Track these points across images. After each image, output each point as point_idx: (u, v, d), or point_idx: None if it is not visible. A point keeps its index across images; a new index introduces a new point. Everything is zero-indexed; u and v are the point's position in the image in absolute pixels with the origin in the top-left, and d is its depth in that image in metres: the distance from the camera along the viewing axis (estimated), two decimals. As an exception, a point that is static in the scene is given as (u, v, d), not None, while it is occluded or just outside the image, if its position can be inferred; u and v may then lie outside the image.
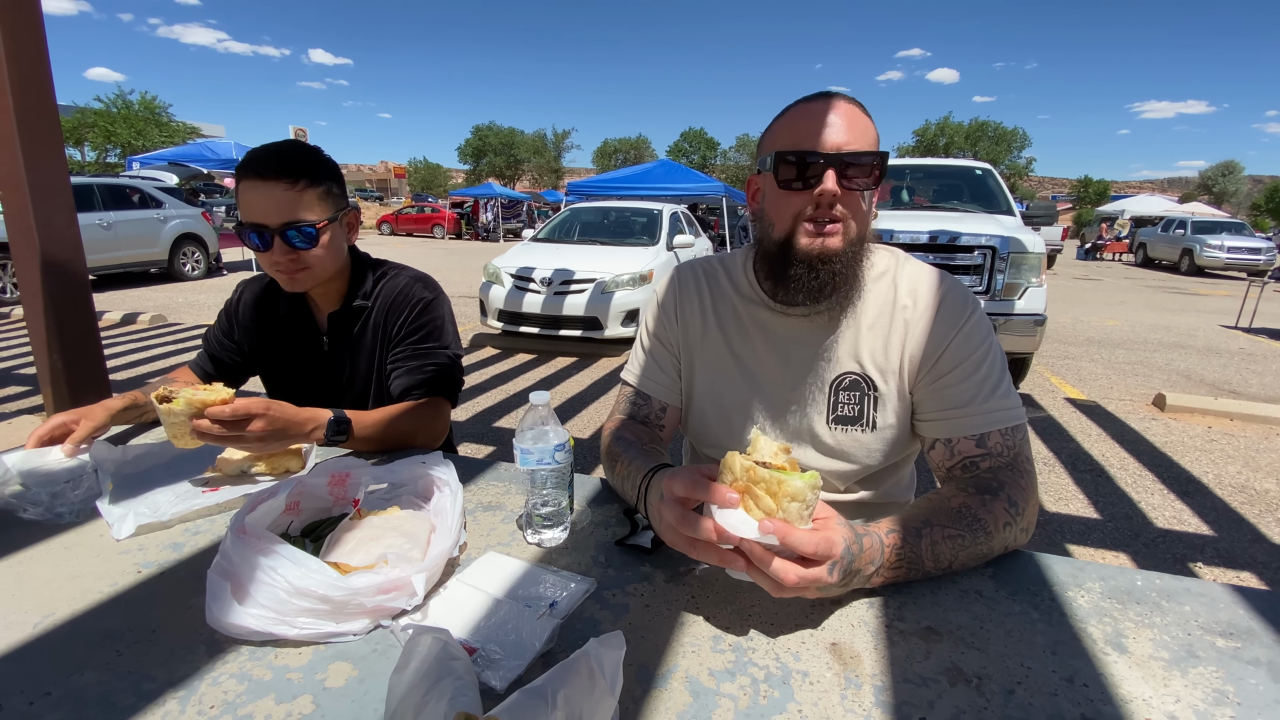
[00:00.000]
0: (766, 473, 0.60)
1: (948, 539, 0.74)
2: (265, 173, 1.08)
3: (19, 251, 2.85)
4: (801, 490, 0.60)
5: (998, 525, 0.77)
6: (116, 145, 25.19)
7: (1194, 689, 0.58)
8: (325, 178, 1.15)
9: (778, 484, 0.60)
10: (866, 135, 0.84)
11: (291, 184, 1.10)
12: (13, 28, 2.56)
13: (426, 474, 0.86)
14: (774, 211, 0.89)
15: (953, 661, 0.61)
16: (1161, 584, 0.75)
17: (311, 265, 1.16)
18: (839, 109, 0.84)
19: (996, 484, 0.81)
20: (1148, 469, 3.29)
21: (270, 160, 1.09)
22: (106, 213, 8.73)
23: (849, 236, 0.86)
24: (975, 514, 0.77)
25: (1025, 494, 0.81)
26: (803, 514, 0.60)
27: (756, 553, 0.61)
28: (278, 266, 1.14)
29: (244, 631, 0.61)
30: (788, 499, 0.59)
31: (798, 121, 0.86)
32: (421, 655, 0.50)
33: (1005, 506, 0.78)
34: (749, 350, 1.00)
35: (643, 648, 0.62)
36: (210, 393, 0.90)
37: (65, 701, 0.55)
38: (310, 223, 1.12)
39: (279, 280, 1.18)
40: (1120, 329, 7.69)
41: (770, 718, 0.54)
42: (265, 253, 1.12)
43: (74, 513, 0.87)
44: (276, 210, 1.10)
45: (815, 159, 0.83)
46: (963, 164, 6.00)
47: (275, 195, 1.09)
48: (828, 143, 0.83)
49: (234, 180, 1.13)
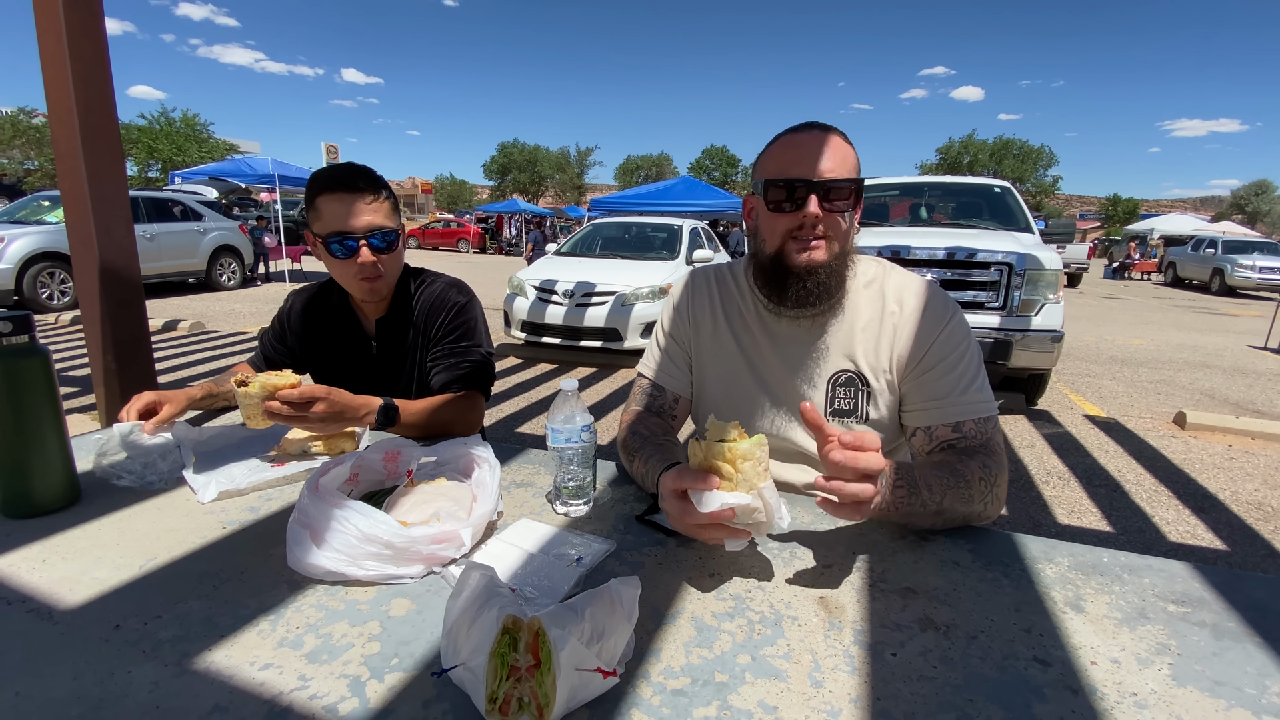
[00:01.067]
0: (717, 446, 0.72)
1: (935, 476, 0.86)
2: (348, 185, 1.24)
3: (79, 259, 3.05)
4: (749, 450, 0.71)
5: (974, 478, 0.88)
6: (159, 160, 26.19)
7: (1139, 642, 0.67)
8: (393, 194, 1.32)
9: (729, 451, 0.71)
10: (846, 162, 0.97)
11: (375, 196, 1.26)
12: (80, 52, 2.77)
13: (468, 453, 0.97)
14: (766, 230, 1.02)
15: (925, 614, 0.70)
16: (1127, 560, 0.83)
17: (387, 270, 1.30)
18: (821, 140, 0.96)
19: (970, 453, 0.95)
20: (1164, 485, 3.30)
21: (349, 175, 1.25)
22: (150, 225, 9.13)
23: (832, 251, 0.99)
24: (953, 466, 0.89)
25: (997, 466, 0.93)
26: (757, 470, 0.71)
27: (832, 486, 0.72)
28: (360, 272, 1.27)
29: (320, 571, 0.72)
30: (740, 459, 0.71)
31: (785, 151, 0.98)
32: (472, 585, 0.61)
33: (979, 466, 0.90)
34: (755, 348, 1.11)
35: (656, 594, 0.72)
36: (280, 378, 1.02)
37: (175, 623, 0.67)
38: (390, 229, 1.29)
39: (358, 288, 1.30)
40: (1145, 348, 7.62)
41: (762, 649, 0.64)
42: (347, 260, 1.25)
43: (163, 480, 1.00)
44: (361, 218, 1.24)
45: (800, 185, 0.95)
46: (982, 181, 6.05)
47: (359, 205, 1.24)
48: (811, 170, 0.95)
49: (307, 196, 1.27)
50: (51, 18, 2.71)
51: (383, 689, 0.57)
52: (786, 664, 0.61)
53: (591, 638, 0.55)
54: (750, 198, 1.07)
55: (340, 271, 1.29)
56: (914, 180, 6.19)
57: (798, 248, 0.98)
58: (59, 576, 0.75)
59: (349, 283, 1.31)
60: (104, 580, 0.74)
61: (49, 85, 2.88)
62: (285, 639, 0.64)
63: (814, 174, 0.95)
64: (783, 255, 0.99)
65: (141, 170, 26.63)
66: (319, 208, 1.25)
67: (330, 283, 1.43)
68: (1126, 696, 0.59)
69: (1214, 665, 0.63)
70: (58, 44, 2.77)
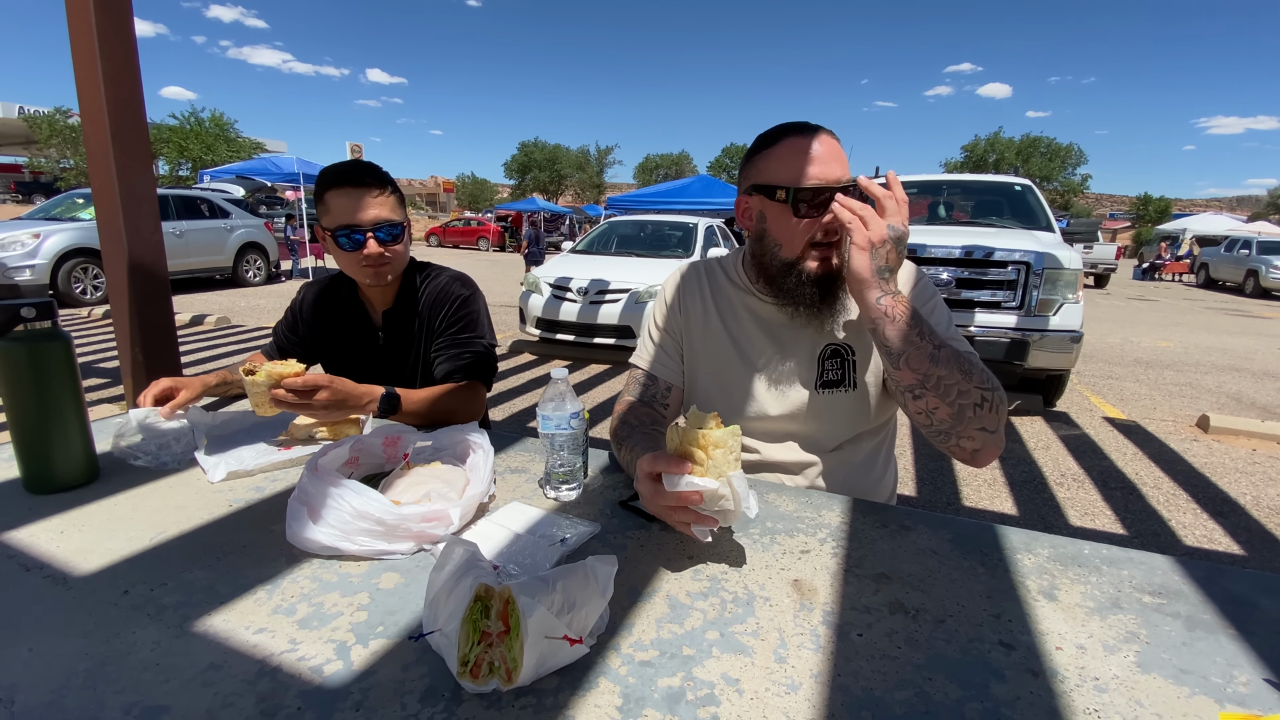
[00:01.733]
0: (692, 432, 0.74)
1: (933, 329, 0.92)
2: (356, 180, 1.30)
3: (109, 254, 3.15)
4: (722, 438, 0.73)
5: (975, 361, 0.93)
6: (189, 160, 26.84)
7: (1109, 630, 0.68)
8: (398, 189, 1.38)
9: (702, 438, 0.73)
10: (846, 165, 1.01)
11: (381, 190, 1.32)
12: (110, 53, 2.87)
13: (464, 439, 1.01)
14: (782, 235, 1.03)
15: (897, 598, 0.72)
16: (1108, 553, 0.84)
17: (393, 260, 1.36)
18: (829, 144, 0.99)
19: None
20: (1182, 488, 3.24)
21: (357, 170, 1.32)
22: (179, 222, 9.38)
23: (842, 257, 0.99)
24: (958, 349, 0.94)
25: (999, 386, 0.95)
26: (728, 459, 0.73)
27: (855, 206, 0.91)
28: (367, 262, 1.33)
29: (316, 546, 0.76)
30: (713, 446, 0.73)
31: (798, 157, 0.99)
32: (454, 559, 0.64)
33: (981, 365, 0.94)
34: (744, 334, 1.14)
35: (634, 574, 0.75)
36: (285, 367, 1.07)
37: (179, 589, 0.71)
38: (396, 222, 1.34)
39: (365, 275, 1.37)
40: (1172, 350, 7.45)
41: (731, 626, 0.66)
42: (355, 251, 1.31)
43: (176, 461, 1.05)
44: (369, 212, 1.30)
45: (826, 192, 0.97)
46: (1002, 180, 5.97)
47: (366, 199, 1.30)
48: (830, 176, 0.98)
49: (316, 192, 1.34)
50: (83, 19, 2.81)
51: (366, 653, 0.61)
52: (754, 640, 0.64)
53: (562, 608, 0.58)
54: (748, 199, 1.07)
55: (348, 262, 1.35)
56: (933, 178, 6.13)
57: (818, 255, 1.01)
58: (75, 547, 0.80)
59: (356, 272, 1.37)
60: (116, 551, 0.79)
61: (80, 85, 2.99)
62: (280, 606, 0.68)
63: (838, 178, 0.98)
64: (800, 263, 1.02)
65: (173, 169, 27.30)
66: (328, 203, 1.30)
67: (340, 275, 1.48)
68: (1088, 680, 0.60)
69: (1182, 654, 0.64)
70: (89, 45, 2.87)
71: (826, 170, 0.98)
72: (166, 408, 1.17)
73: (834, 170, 0.98)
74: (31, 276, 7.68)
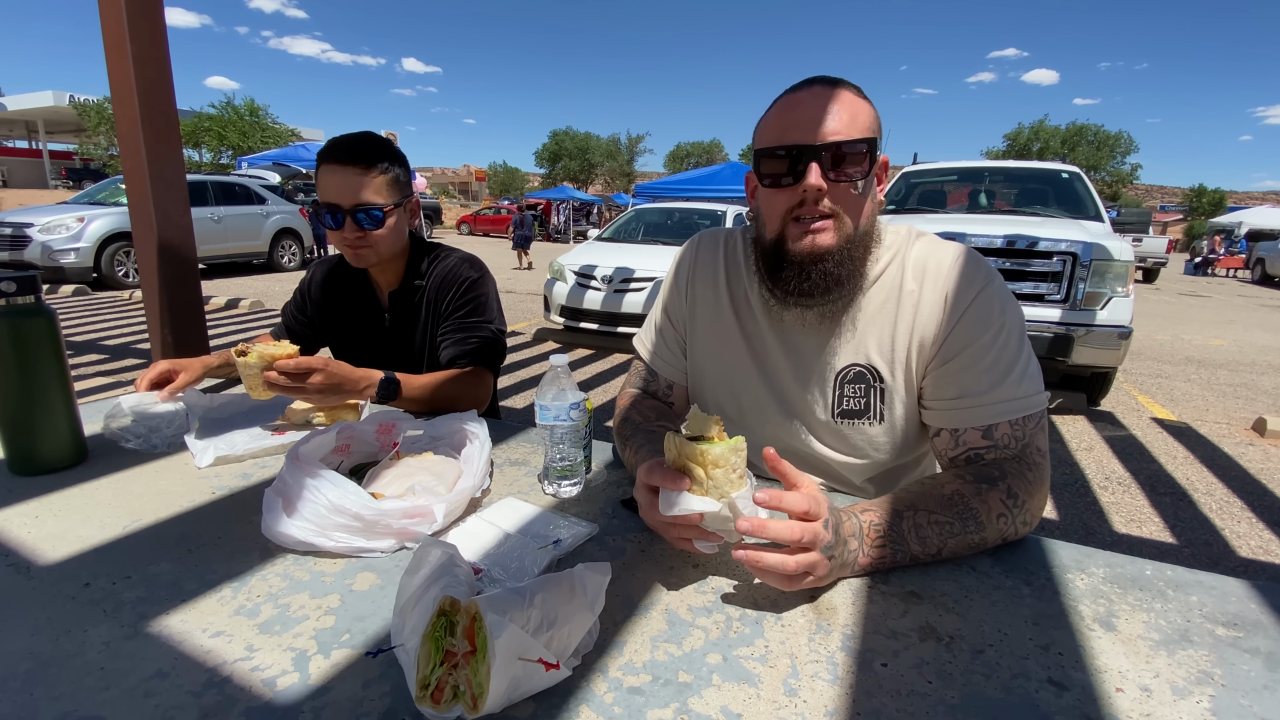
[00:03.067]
0: (691, 446, 0.64)
1: (934, 524, 0.72)
2: (342, 158, 1.22)
3: (140, 236, 3.19)
4: (723, 455, 0.63)
5: (991, 516, 0.74)
6: (228, 147, 27.45)
7: (1177, 668, 0.58)
8: (394, 166, 1.28)
9: (701, 454, 0.64)
10: (857, 120, 0.80)
11: (365, 170, 1.23)
12: (139, 35, 2.87)
13: (462, 428, 0.95)
14: (765, 210, 0.87)
15: (928, 621, 0.63)
16: (1173, 575, 0.73)
17: (375, 244, 1.28)
18: (823, 95, 0.81)
19: (999, 474, 0.78)
20: (1237, 495, 3.03)
21: (347, 147, 1.23)
22: (218, 207, 9.58)
23: (843, 233, 0.83)
24: (968, 503, 0.74)
25: (1029, 486, 0.78)
26: (729, 478, 0.64)
27: (749, 558, 0.62)
28: (345, 242, 1.27)
29: (290, 541, 0.71)
30: (711, 466, 0.63)
31: (782, 115, 0.83)
32: (429, 562, 0.58)
33: (1002, 497, 0.76)
34: (758, 332, 0.97)
35: (631, 583, 0.68)
36: (279, 348, 1.02)
37: (141, 584, 0.66)
38: (378, 205, 1.25)
39: (348, 255, 1.30)
40: (1225, 349, 7.06)
41: (737, 648, 0.58)
42: (337, 231, 1.25)
43: (166, 445, 1.01)
44: (351, 192, 1.23)
45: (799, 151, 0.80)
46: (1048, 166, 5.68)
47: (349, 179, 1.22)
48: (812, 133, 0.80)
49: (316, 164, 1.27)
50: (113, 3, 2.82)
51: (326, 665, 0.55)
52: (760, 667, 0.56)
53: (540, 625, 0.51)
54: (752, 174, 0.91)
55: (333, 239, 1.30)
56: (973, 165, 5.87)
57: (799, 231, 0.83)
58: (46, 533, 0.76)
59: (341, 250, 1.31)
60: (86, 539, 0.75)
61: (111, 69, 3.00)
62: (243, 606, 0.62)
63: (815, 137, 0.79)
64: (783, 241, 0.85)
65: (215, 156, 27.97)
66: (318, 178, 1.25)
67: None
68: (1155, 731, 0.51)
69: (1264, 700, 0.54)
70: (119, 28, 2.87)
71: (801, 130, 0.80)
72: (164, 391, 1.14)
73: (811, 128, 0.79)
74: (76, 259, 7.92)
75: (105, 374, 4.41)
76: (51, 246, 7.82)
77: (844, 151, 0.80)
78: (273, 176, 13.59)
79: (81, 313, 6.72)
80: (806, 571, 0.62)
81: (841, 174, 0.81)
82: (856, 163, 0.81)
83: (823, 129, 0.80)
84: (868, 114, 0.83)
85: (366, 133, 1.28)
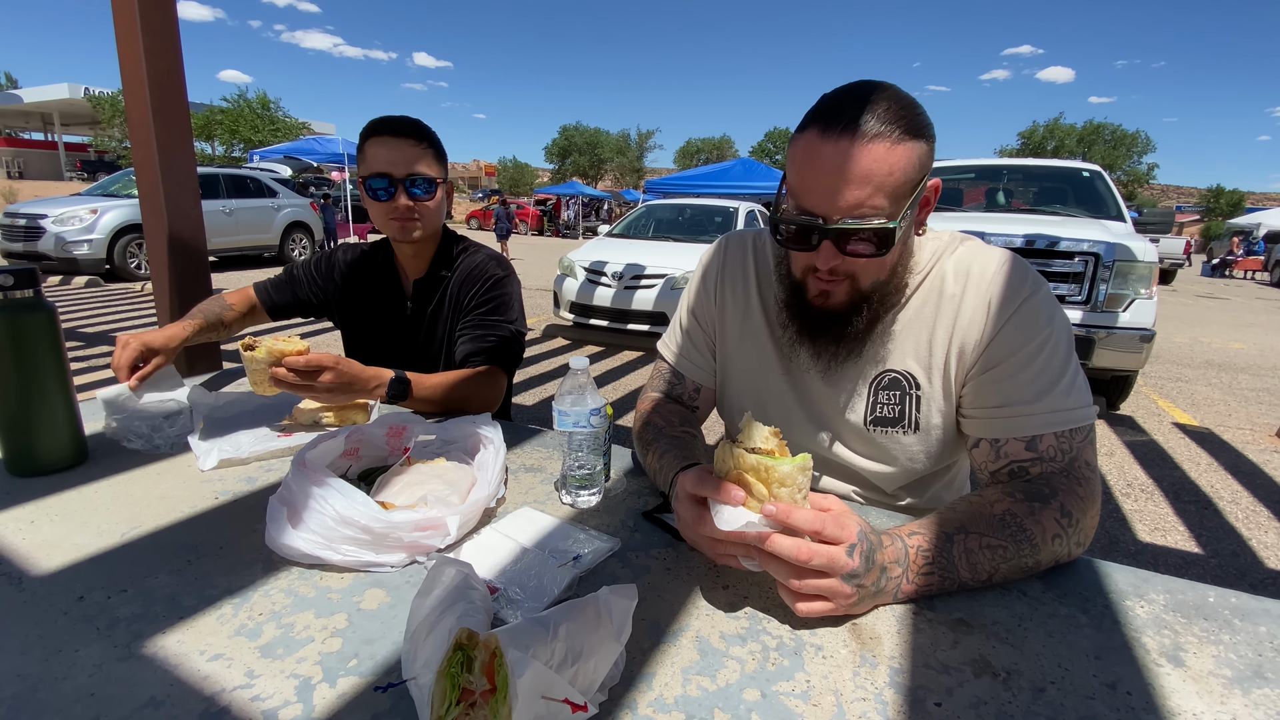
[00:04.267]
0: (754, 459, 0.59)
1: (986, 548, 0.67)
2: (396, 129, 1.25)
3: (150, 228, 3.16)
4: (790, 474, 0.58)
5: (1046, 538, 0.69)
6: (240, 140, 27.57)
7: (1255, 709, 0.53)
8: (439, 146, 1.32)
9: (765, 470, 0.59)
10: (889, 180, 0.71)
11: (417, 142, 1.26)
12: (151, 26, 2.84)
13: (475, 432, 0.90)
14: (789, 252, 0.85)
15: (981, 654, 0.58)
16: (1238, 602, 0.68)
17: (424, 216, 1.29)
18: (847, 152, 0.70)
19: (1049, 490, 0.73)
20: (1263, 504, 2.95)
21: (400, 121, 1.26)
22: (229, 200, 9.60)
23: (859, 289, 0.81)
24: (1021, 524, 0.69)
25: (1082, 503, 0.73)
26: (794, 498, 0.59)
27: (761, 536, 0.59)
28: (396, 214, 1.26)
29: (295, 553, 0.67)
30: (777, 484, 0.59)
31: (804, 165, 0.74)
32: (443, 583, 0.53)
33: (1057, 516, 0.71)
34: (789, 339, 0.92)
35: (658, 606, 0.63)
36: (288, 344, 0.98)
37: (138, 598, 0.62)
38: (430, 176, 1.28)
39: (393, 230, 1.29)
40: (1246, 352, 6.93)
41: (776, 683, 0.53)
42: (386, 202, 1.25)
43: (169, 445, 0.97)
44: (404, 162, 1.24)
45: (809, 224, 0.75)
46: (1068, 165, 5.58)
47: (404, 150, 1.25)
48: (828, 202, 0.72)
49: (359, 144, 1.27)
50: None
51: (331, 695, 0.50)
52: (803, 705, 0.51)
53: (565, 660, 0.46)
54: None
55: (378, 214, 1.28)
56: (991, 163, 5.77)
57: (815, 286, 0.82)
58: (41, 540, 0.72)
59: (385, 225, 1.30)
60: (83, 547, 0.71)
61: (123, 60, 2.97)
62: (244, 626, 0.58)
63: (832, 208, 0.72)
64: (804, 287, 0.84)
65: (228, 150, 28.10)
66: (366, 152, 1.26)
67: (380, 243, 1.42)
68: (1243, 785, 0.46)
69: (1360, 750, 0.49)
70: (131, 20, 2.85)
71: (815, 195, 0.73)
72: (133, 379, 1.05)
73: (829, 196, 0.72)
74: (89, 251, 7.96)
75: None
76: (65, 238, 7.85)
77: (858, 233, 0.74)
78: (284, 170, 13.63)
79: (94, 304, 6.75)
80: (823, 569, 0.58)
81: (856, 251, 0.75)
82: (872, 241, 0.74)
83: (841, 199, 0.72)
84: (905, 164, 0.71)
85: (407, 116, 1.30)
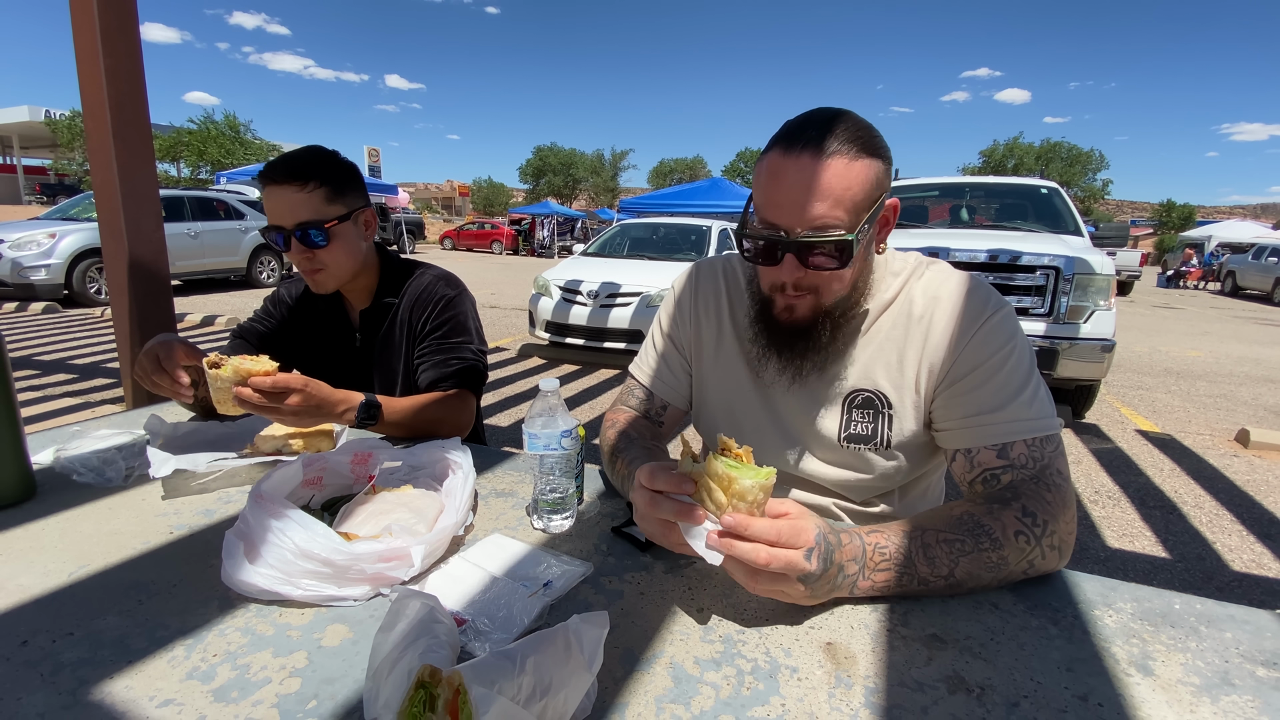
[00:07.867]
0: (722, 466, 0.60)
1: (943, 543, 0.69)
2: (277, 177, 1.15)
3: (110, 252, 3.08)
4: (749, 489, 0.59)
5: (1007, 533, 0.70)
6: (207, 162, 27.12)
7: (1224, 717, 0.54)
8: (336, 179, 1.19)
9: (728, 480, 0.59)
10: (846, 195, 0.74)
11: (301, 186, 1.15)
12: (113, 49, 2.80)
13: (443, 457, 0.89)
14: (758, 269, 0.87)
15: (955, 670, 0.58)
16: (1203, 609, 0.69)
17: (327, 265, 1.20)
18: (808, 168, 0.74)
19: (1011, 495, 0.75)
20: (1226, 508, 3.04)
21: (281, 166, 1.16)
22: (195, 223, 9.39)
23: (821, 304, 0.83)
24: (979, 520, 0.71)
25: (1050, 508, 0.74)
26: (752, 513, 0.60)
27: (723, 542, 0.60)
28: (299, 266, 1.21)
29: (253, 589, 0.64)
30: (736, 498, 0.59)
31: (768, 183, 0.77)
32: (407, 616, 0.52)
33: (1018, 515, 0.72)
34: (762, 360, 0.94)
35: (631, 632, 0.62)
36: (255, 363, 0.95)
37: (85, 642, 0.59)
38: (318, 222, 1.16)
39: (307, 280, 1.25)
40: (1203, 360, 7.18)
41: (751, 709, 0.53)
42: (287, 252, 1.19)
43: (121, 479, 0.93)
44: (289, 211, 1.15)
45: (772, 239, 0.78)
46: (1027, 182, 5.76)
47: (288, 198, 1.15)
48: (791, 216, 0.76)
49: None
50: (86, 14, 2.74)
51: (288, 741, 0.48)
52: (778, 730, 0.50)
53: (533, 694, 0.45)
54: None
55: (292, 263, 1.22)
56: (954, 180, 5.94)
57: (780, 302, 0.85)
58: (-20, 583, 0.68)
59: (302, 276, 1.24)
60: (28, 588, 0.67)
61: (83, 81, 2.92)
62: (197, 669, 0.56)
63: (795, 222, 0.76)
64: (771, 304, 0.86)
65: (194, 172, 27.60)
66: (264, 199, 1.19)
67: None
68: (1214, 795, 0.46)
69: (1325, 753, 0.50)
70: (92, 40, 2.80)
71: (778, 210, 0.76)
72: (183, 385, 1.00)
73: (792, 210, 0.75)
74: (46, 276, 7.70)
75: (73, 394, 4.25)
76: (22, 263, 7.59)
77: (819, 245, 0.76)
78: (252, 192, 13.42)
79: (51, 331, 6.51)
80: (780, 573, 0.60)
81: (818, 264, 0.78)
82: (833, 254, 0.77)
83: (804, 213, 0.75)
84: (862, 180, 0.75)
85: (308, 147, 1.20)
